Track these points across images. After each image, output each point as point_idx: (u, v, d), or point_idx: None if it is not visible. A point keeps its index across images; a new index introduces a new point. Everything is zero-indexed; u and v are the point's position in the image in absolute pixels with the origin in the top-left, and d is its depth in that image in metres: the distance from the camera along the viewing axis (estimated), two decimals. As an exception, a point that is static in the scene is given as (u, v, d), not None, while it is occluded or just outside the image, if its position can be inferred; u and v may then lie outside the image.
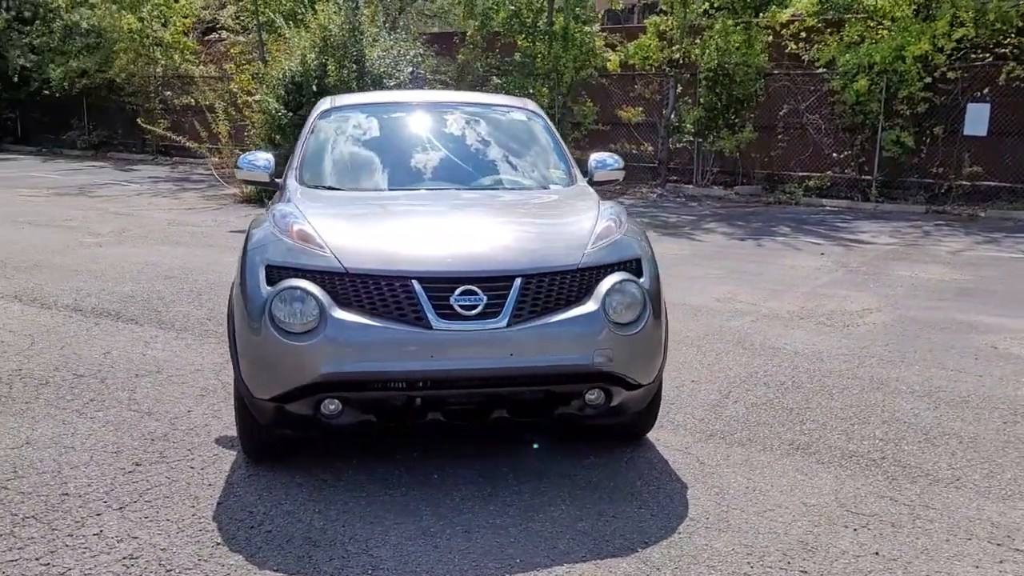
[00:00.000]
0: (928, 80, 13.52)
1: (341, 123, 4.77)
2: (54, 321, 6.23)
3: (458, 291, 3.31)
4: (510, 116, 5.00)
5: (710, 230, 11.61)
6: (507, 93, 16.17)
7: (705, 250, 10.06)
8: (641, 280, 3.60)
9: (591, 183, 4.75)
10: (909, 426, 4.41)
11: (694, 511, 3.45)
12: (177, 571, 2.95)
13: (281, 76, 14.47)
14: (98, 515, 3.33)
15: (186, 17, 21.95)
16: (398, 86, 14.84)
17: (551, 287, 3.42)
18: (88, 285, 7.42)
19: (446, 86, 16.00)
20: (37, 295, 7.03)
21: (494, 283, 3.35)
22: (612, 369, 3.44)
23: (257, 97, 14.60)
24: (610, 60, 16.33)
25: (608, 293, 3.47)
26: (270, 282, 3.41)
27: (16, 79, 23.86)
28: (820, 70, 14.63)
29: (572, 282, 3.47)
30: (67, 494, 3.50)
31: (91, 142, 23.78)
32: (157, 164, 21.04)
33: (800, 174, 14.97)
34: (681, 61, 15.83)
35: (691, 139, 15.66)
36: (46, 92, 23.32)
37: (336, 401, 3.35)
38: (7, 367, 5.12)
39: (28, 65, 23.76)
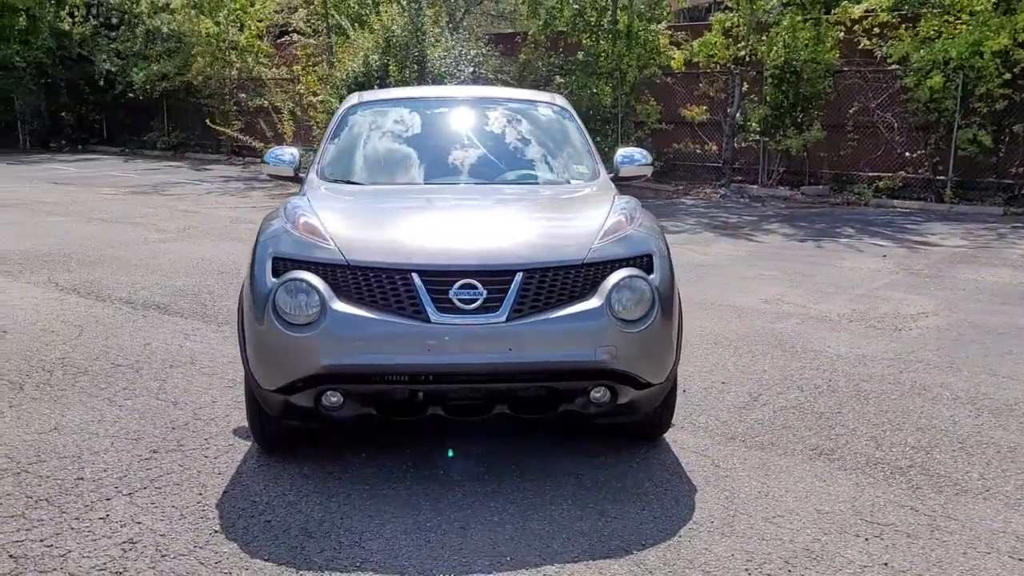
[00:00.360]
0: (1007, 76, 12.94)
1: (366, 118, 4.80)
2: (105, 313, 6.42)
3: (457, 284, 3.28)
4: (536, 111, 4.95)
5: (770, 231, 11.33)
6: (571, 92, 16.13)
7: (762, 251, 9.82)
8: (651, 277, 3.51)
9: (617, 179, 4.67)
10: (944, 433, 4.21)
11: (699, 514, 3.35)
12: (171, 556, 3.00)
13: (344, 77, 14.71)
14: (107, 500, 3.41)
15: (260, 21, 22.46)
16: (459, 82, 14.91)
17: (554, 282, 3.37)
18: (144, 279, 7.64)
19: (507, 86, 16.00)
20: (94, 288, 7.27)
21: (494, 277, 3.32)
22: (617, 367, 3.37)
23: (321, 98, 14.86)
24: (674, 58, 16.10)
25: (614, 289, 3.40)
26: (276, 274, 3.44)
27: (102, 83, 24.77)
28: (893, 66, 14.15)
29: (577, 277, 3.41)
30: (82, 478, 3.59)
31: (170, 143, 24.53)
32: (230, 164, 21.58)
33: (870, 174, 14.50)
34: (747, 58, 15.50)
35: (756, 138, 15.32)
36: (130, 95, 24.15)
37: (337, 394, 3.36)
38: (52, 355, 5.30)
39: (113, 69, 24.64)
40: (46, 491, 3.48)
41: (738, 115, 15.59)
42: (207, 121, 20.13)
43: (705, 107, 16.07)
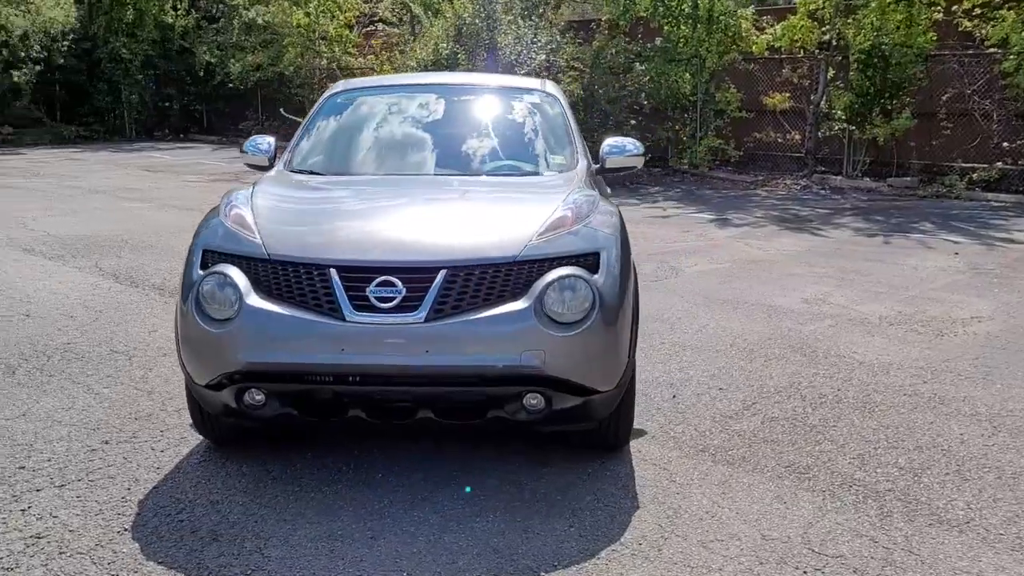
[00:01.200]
0: (1119, 60, 11.86)
1: (343, 107, 4.69)
2: (130, 299, 6.54)
3: (375, 282, 3.12)
4: (520, 98, 4.73)
5: (840, 225, 10.72)
6: (650, 80, 15.72)
7: (823, 247, 9.29)
8: (594, 277, 3.27)
9: (603, 170, 4.42)
10: (944, 454, 3.81)
11: (630, 535, 3.10)
12: (69, 554, 2.96)
13: (415, 66, 14.69)
14: (37, 491, 3.41)
15: (349, 11, 22.75)
16: (528, 74, 14.71)
17: (480, 281, 3.17)
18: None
19: (580, 73, 15.69)
20: (133, 274, 7.44)
21: (415, 275, 3.14)
22: (548, 372, 3.15)
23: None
24: (756, 43, 15.44)
25: (547, 289, 3.18)
26: (203, 267, 3.36)
27: (203, 74, 25.64)
28: (991, 50, 13.18)
29: (507, 276, 3.20)
30: (23, 467, 3.61)
31: (262, 131, 25.15)
32: (317, 152, 21.94)
33: (963, 166, 13.57)
34: (833, 43, 14.73)
35: (842, 127, 14.54)
36: (229, 85, 24.88)
37: (260, 392, 3.26)
38: (59, 341, 5.41)
39: (213, 60, 25.45)
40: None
41: (822, 102, 14.85)
42: (280, 110, 20.50)
43: (788, 94, 15.37)
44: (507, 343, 3.11)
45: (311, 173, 4.25)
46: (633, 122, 15.97)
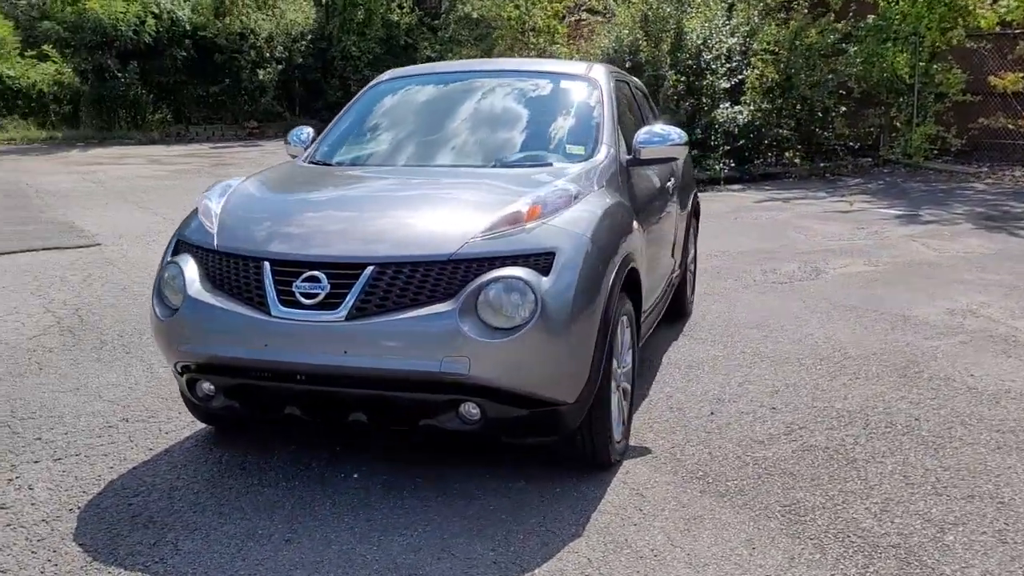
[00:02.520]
0: None
1: (377, 97, 4.60)
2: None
3: (301, 277, 3.01)
4: (555, 85, 4.41)
5: (1052, 225, 9.29)
6: (863, 62, 14.47)
7: (1015, 250, 8.09)
8: (542, 279, 2.96)
9: (637, 162, 4.03)
10: (997, 508, 3.13)
11: (548, 568, 2.79)
12: (13, 527, 3.10)
13: (599, 54, 14.42)
14: (35, 463, 3.62)
15: (559, 2, 22.79)
16: (716, 59, 14.00)
17: (410, 279, 2.97)
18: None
19: (777, 57, 14.68)
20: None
21: (340, 270, 3.00)
22: (473, 379, 2.90)
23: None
24: (985, 17, 13.72)
25: (480, 290, 2.92)
26: (175, 255, 3.42)
27: (422, 67, 26.77)
28: None
29: (439, 276, 2.97)
30: (39, 439, 3.86)
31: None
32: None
33: None
34: (1077, 14, 12.79)
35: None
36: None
37: (210, 384, 3.26)
38: (93, 320, 5.71)
39: (433, 56, 26.51)
40: (2, 443, 3.77)
41: (1061, 83, 12.95)
42: None
43: (1022, 74, 13.56)
44: (428, 347, 2.90)
45: (323, 164, 4.21)
46: (843, 109, 14.79)
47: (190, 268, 3.25)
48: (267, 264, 3.08)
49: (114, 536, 3.02)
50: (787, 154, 15.35)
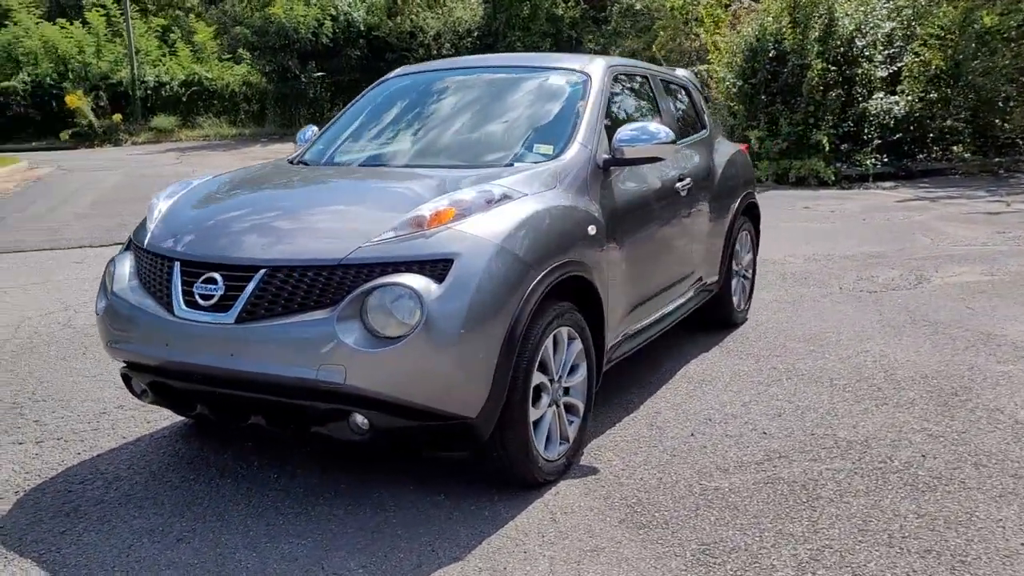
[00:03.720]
0: None
1: (376, 95, 4.55)
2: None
3: (202, 278, 3.03)
4: (546, 81, 4.17)
5: None
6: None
7: None
8: (432, 287, 2.82)
9: (617, 162, 3.78)
10: (953, 569, 2.68)
11: (405, 591, 2.66)
12: (-40, 504, 3.31)
13: (741, 43, 13.77)
14: (19, 444, 3.86)
15: (721, -11, 21.96)
16: (871, 46, 13.00)
17: (300, 283, 2.90)
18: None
19: (943, 43, 13.42)
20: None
21: (235, 272, 2.97)
22: (351, 389, 2.80)
23: (703, 67, 14.18)
24: None
25: (359, 298, 2.82)
26: (123, 252, 3.54)
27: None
28: None
29: (328, 281, 2.88)
30: (38, 422, 4.10)
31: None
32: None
33: None
34: None
35: None
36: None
37: (138, 380, 3.34)
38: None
39: (597, 49, 26.28)
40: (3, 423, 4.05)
41: None
42: None
43: None
44: (306, 354, 2.82)
45: (301, 163, 4.21)
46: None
47: (123, 266, 3.34)
48: (177, 264, 3.11)
49: (34, 523, 3.15)
50: (955, 148, 14.05)
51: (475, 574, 2.73)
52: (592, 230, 3.49)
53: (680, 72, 5.51)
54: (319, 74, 26.24)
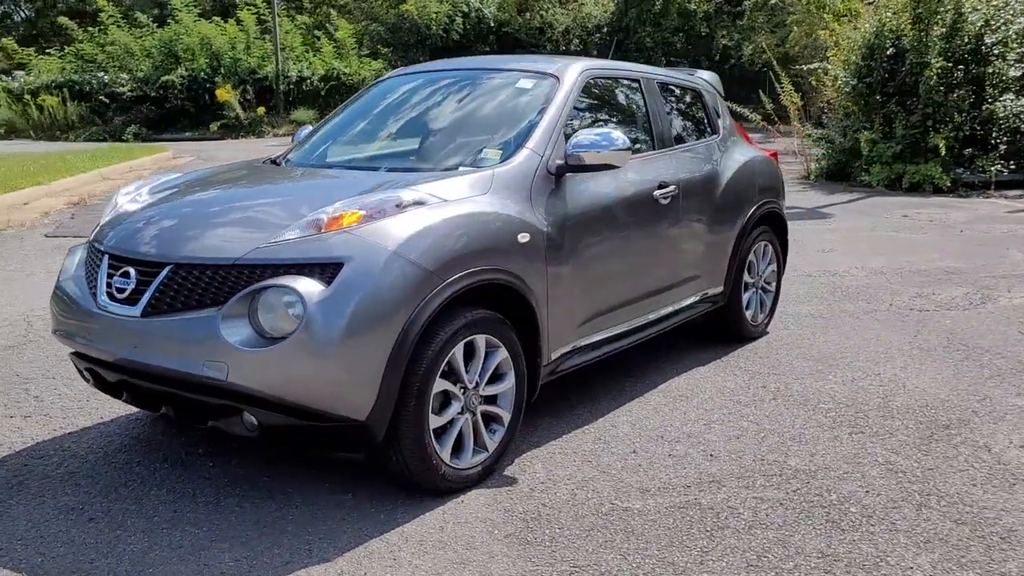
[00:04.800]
0: None
1: (359, 97, 4.60)
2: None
3: (120, 271, 3.19)
4: (514, 82, 4.09)
5: None
6: None
7: None
8: (320, 290, 2.86)
9: (570, 168, 3.70)
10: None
11: (259, 586, 2.72)
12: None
13: (859, 39, 13.08)
14: (9, 418, 4.17)
15: (860, -19, 20.89)
16: (1001, 43, 12.07)
17: (199, 281, 3.00)
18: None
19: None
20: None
21: (146, 268, 3.11)
22: (232, 385, 2.88)
23: (814, 65, 13.54)
24: None
25: (247, 297, 2.90)
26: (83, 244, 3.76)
27: (718, 58, 26.01)
28: None
29: (224, 280, 2.97)
30: (39, 398, 4.41)
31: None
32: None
33: None
34: None
35: None
36: (743, 68, 24.83)
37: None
38: None
39: (730, 44, 25.63)
40: (6, 397, 4.39)
41: None
42: (760, 92, 19.70)
43: None
44: (194, 350, 2.92)
45: (272, 162, 4.33)
46: None
47: (74, 257, 3.55)
48: (106, 258, 3.28)
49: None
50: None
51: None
52: (524, 238, 3.43)
53: (702, 75, 5.32)
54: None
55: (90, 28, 28.55)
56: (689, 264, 4.56)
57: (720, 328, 5.11)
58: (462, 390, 3.26)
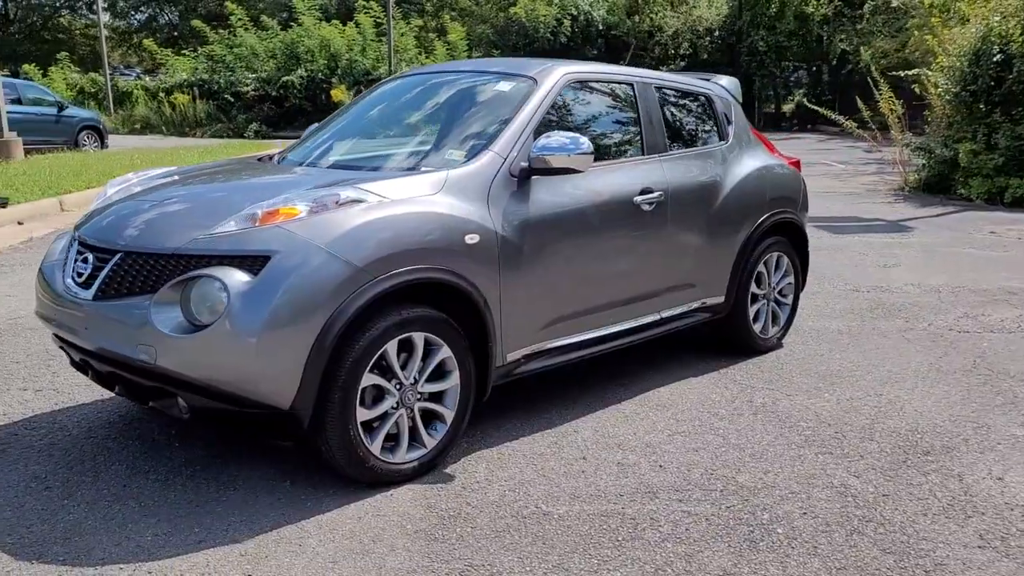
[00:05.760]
0: None
1: (362, 97, 4.71)
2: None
3: (82, 256, 3.40)
4: (494, 85, 4.11)
5: None
6: None
7: None
8: (245, 281, 2.99)
9: (533, 171, 3.71)
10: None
11: (162, 565, 2.85)
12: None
13: (965, 45, 12.41)
14: (21, 390, 4.49)
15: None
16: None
17: (142, 268, 3.17)
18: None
19: None
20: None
21: (101, 254, 3.31)
22: (158, 368, 3.03)
23: (914, 72, 12.91)
24: None
25: (178, 285, 3.05)
26: None
27: (835, 62, 25.13)
28: None
29: (163, 268, 3.13)
30: (54, 373, 4.74)
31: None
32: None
33: None
34: None
35: None
36: (860, 73, 23.89)
37: None
38: None
39: (848, 48, 24.72)
40: (24, 369, 4.73)
41: None
42: (857, 98, 18.87)
43: None
44: (128, 334, 3.09)
45: (267, 160, 4.49)
46: None
47: (60, 242, 3.79)
48: (75, 243, 3.51)
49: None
50: None
51: (237, 557, 2.86)
52: (472, 239, 3.45)
53: (721, 80, 5.19)
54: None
55: (221, 31, 30.06)
56: (681, 272, 4.46)
57: (725, 339, 4.98)
58: (397, 386, 3.31)
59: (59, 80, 30.84)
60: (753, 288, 4.92)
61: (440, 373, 3.47)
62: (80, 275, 3.35)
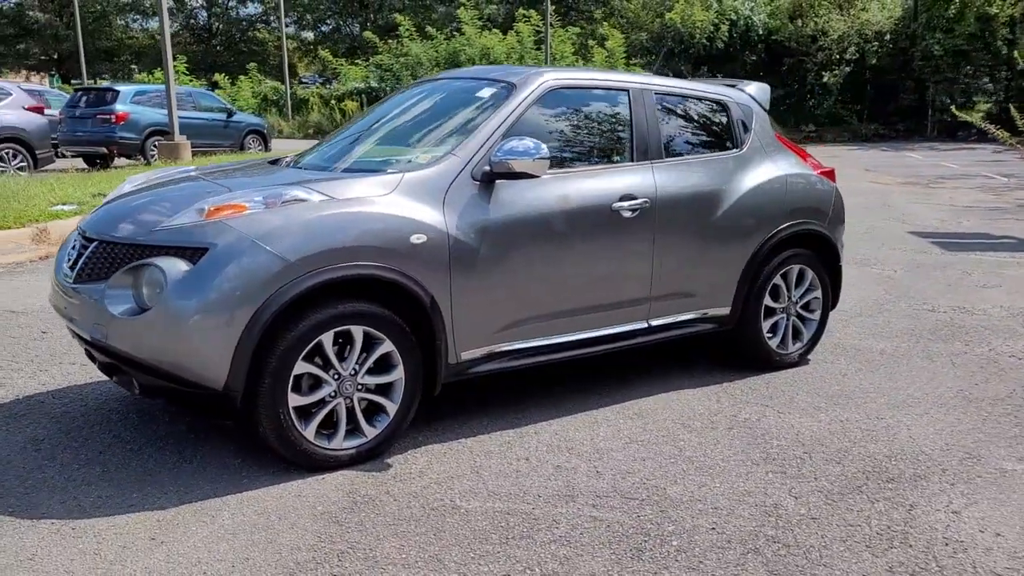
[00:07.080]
0: None
1: (375, 106, 4.91)
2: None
3: (76, 244, 3.79)
4: (477, 91, 4.18)
5: None
6: None
7: None
8: (183, 270, 3.26)
9: (495, 175, 3.80)
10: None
11: (72, 524, 3.15)
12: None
13: None
14: (39, 371, 5.00)
15: None
16: None
17: (112, 256, 3.51)
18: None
19: None
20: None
21: (86, 241, 3.68)
22: (113, 348, 3.35)
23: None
24: None
25: (127, 272, 3.37)
26: None
27: (1021, 67, 23.22)
28: None
29: (126, 256, 3.45)
30: (67, 351, 5.24)
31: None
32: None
33: None
34: None
35: None
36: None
37: None
38: None
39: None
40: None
41: None
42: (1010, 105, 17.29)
43: None
44: (90, 314, 3.43)
45: (276, 162, 4.75)
46: None
47: (74, 233, 4.22)
48: (77, 232, 3.91)
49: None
50: None
51: (154, 523, 3.11)
52: (419, 239, 3.57)
53: (748, 87, 5.03)
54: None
55: (391, 41, 31.50)
56: (674, 280, 4.37)
57: (735, 353, 4.83)
58: (334, 376, 3.48)
59: (246, 88, 33.35)
60: (768, 301, 4.74)
61: (384, 367, 3.60)
62: (70, 260, 3.74)
